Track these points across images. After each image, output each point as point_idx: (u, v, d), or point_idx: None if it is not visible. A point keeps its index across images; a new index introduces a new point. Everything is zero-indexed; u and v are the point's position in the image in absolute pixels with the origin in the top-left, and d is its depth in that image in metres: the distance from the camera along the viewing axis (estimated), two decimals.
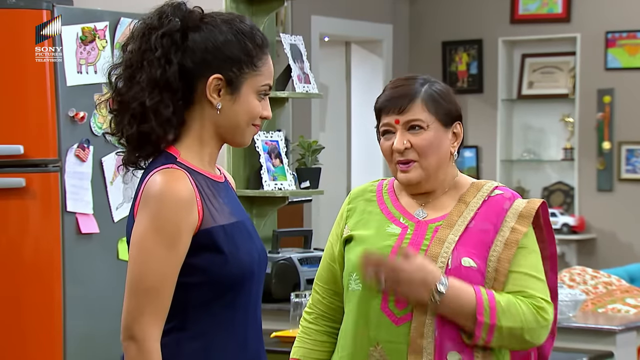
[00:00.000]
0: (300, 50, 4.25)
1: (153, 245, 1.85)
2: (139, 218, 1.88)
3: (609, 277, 5.31)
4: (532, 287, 2.17)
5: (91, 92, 3.83)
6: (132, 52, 1.92)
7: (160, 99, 1.89)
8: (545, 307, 2.17)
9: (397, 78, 2.32)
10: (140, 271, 1.86)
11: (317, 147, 4.24)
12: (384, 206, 2.28)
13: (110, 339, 3.89)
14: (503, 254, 2.18)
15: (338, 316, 2.30)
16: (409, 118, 2.22)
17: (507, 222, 2.20)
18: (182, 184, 1.87)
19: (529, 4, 7.20)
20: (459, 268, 2.16)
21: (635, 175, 6.91)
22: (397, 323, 2.17)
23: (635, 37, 6.88)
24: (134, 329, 1.87)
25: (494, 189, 2.26)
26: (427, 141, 2.22)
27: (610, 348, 4.20)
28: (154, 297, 1.86)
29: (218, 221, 1.90)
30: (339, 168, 7.26)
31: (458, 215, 2.22)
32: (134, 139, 1.92)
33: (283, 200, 4.09)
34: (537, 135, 7.29)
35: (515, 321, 2.14)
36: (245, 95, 1.94)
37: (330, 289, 2.30)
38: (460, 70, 7.41)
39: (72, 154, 3.77)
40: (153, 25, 1.93)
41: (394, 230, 2.22)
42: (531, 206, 2.23)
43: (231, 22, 1.95)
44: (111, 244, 3.89)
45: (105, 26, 3.85)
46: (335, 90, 7.36)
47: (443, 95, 2.26)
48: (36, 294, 3.73)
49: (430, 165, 2.23)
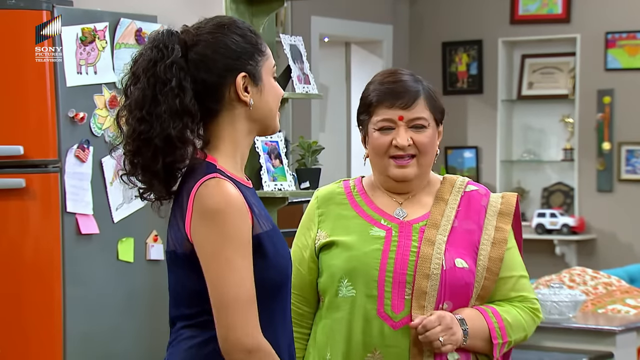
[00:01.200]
0: (300, 50, 4.25)
1: (234, 257, 1.85)
2: (205, 235, 1.85)
3: (609, 277, 5.30)
4: (525, 289, 2.26)
5: (91, 92, 3.83)
6: (142, 90, 1.90)
7: (182, 125, 1.89)
8: (538, 307, 2.28)
9: (387, 71, 2.30)
10: (231, 286, 1.85)
11: (317, 147, 4.24)
12: (360, 209, 2.26)
13: (110, 339, 3.90)
14: (492, 252, 2.22)
15: (306, 322, 2.29)
16: (414, 116, 2.22)
17: (489, 220, 2.24)
18: (235, 193, 1.88)
19: (529, 5, 7.20)
20: (454, 269, 2.19)
21: (635, 175, 6.91)
22: (395, 327, 2.17)
23: (635, 37, 6.88)
24: (246, 342, 1.85)
25: (467, 184, 2.29)
26: (429, 139, 2.23)
27: (610, 349, 4.20)
28: (250, 304, 1.86)
29: (263, 227, 1.91)
30: (339, 169, 7.26)
31: (440, 214, 2.23)
32: (161, 173, 1.90)
33: (283, 201, 4.09)
34: (537, 136, 7.29)
35: (520, 331, 2.24)
36: (267, 82, 1.97)
37: (299, 295, 2.28)
38: (460, 70, 7.41)
39: (72, 154, 3.77)
40: (155, 58, 1.91)
41: (378, 234, 2.22)
42: (510, 202, 2.27)
43: (221, 24, 1.95)
44: (111, 245, 3.89)
45: (105, 27, 3.85)
46: (335, 91, 7.36)
47: (435, 94, 2.28)
48: (36, 294, 3.73)
49: (426, 162, 2.24)
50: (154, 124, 1.88)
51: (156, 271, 4.02)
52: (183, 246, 1.89)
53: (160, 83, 1.89)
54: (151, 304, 4.00)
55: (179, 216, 1.90)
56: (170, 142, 1.88)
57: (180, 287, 1.91)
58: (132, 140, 1.91)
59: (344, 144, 7.37)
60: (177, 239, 1.90)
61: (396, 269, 2.18)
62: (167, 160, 1.89)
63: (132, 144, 1.91)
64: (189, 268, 1.88)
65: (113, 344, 3.89)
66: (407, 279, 2.17)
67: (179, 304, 1.91)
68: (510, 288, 2.25)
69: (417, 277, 2.17)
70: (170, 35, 1.93)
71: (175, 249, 1.91)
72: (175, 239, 1.91)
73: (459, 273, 2.18)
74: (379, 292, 2.17)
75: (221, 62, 1.92)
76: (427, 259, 2.17)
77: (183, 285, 1.89)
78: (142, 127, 1.89)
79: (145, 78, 1.90)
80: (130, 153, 1.92)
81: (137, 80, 1.91)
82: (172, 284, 1.94)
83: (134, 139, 1.90)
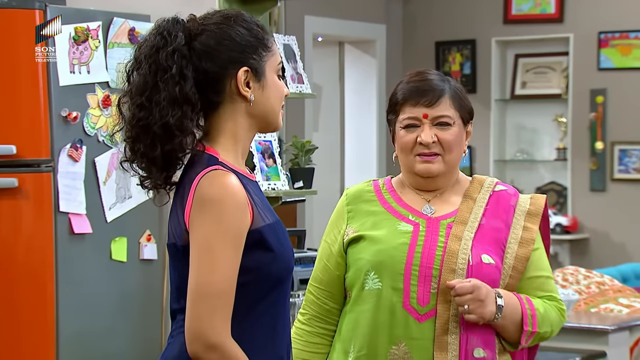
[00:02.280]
0: (293, 50, 4.25)
1: (222, 249, 1.83)
2: (199, 223, 1.85)
3: (601, 277, 5.31)
4: (553, 289, 2.30)
5: (84, 92, 3.82)
6: (143, 76, 1.89)
7: (182, 113, 1.87)
8: (564, 307, 2.30)
9: (415, 71, 2.31)
10: (210, 275, 1.83)
11: (311, 147, 4.24)
12: (388, 205, 2.29)
13: (103, 339, 3.89)
14: (519, 251, 2.24)
15: (332, 318, 2.30)
16: (439, 113, 2.24)
17: (517, 220, 2.27)
18: (237, 185, 1.86)
19: (522, 4, 7.20)
20: (480, 264, 2.20)
21: (627, 175, 6.92)
22: (421, 320, 2.18)
23: (627, 37, 6.89)
24: (208, 334, 1.82)
25: (496, 184, 2.32)
26: (453, 137, 2.25)
27: (603, 348, 4.21)
28: (224, 300, 1.83)
29: (265, 220, 1.90)
30: (333, 168, 7.26)
31: (468, 212, 2.25)
32: (159, 160, 1.89)
33: (276, 201, 4.09)
34: (530, 135, 7.30)
35: (548, 326, 2.26)
36: (270, 79, 1.95)
37: (326, 290, 2.30)
38: (454, 70, 7.42)
39: (65, 154, 3.76)
40: (158, 45, 1.90)
41: (406, 228, 2.24)
42: (539, 203, 2.31)
43: (228, 16, 1.94)
44: (104, 244, 3.89)
45: (98, 26, 3.85)
46: (329, 91, 7.36)
47: (462, 93, 2.30)
48: (29, 294, 3.73)
49: (451, 160, 2.26)
50: (153, 111, 1.87)
51: (149, 271, 4.01)
52: (182, 238, 1.88)
53: (161, 70, 1.88)
54: (144, 304, 4.00)
55: (179, 207, 1.90)
56: (169, 130, 1.87)
57: (180, 280, 1.90)
58: (132, 126, 1.90)
59: (338, 144, 7.37)
60: (176, 231, 1.90)
61: (422, 262, 2.19)
62: (165, 148, 1.88)
63: (132, 130, 1.90)
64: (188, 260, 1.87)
65: (106, 343, 3.89)
66: (433, 273, 2.19)
67: (180, 297, 1.90)
68: (537, 287, 2.27)
69: (443, 271, 2.18)
70: (175, 23, 1.92)
71: (175, 242, 1.90)
72: (175, 231, 1.91)
73: (486, 269, 2.20)
74: (405, 285, 2.18)
75: (224, 54, 1.90)
76: (453, 254, 2.19)
77: (183, 278, 1.88)
78: (142, 114, 1.88)
79: (147, 64, 1.89)
80: (130, 140, 1.91)
81: (139, 66, 1.90)
82: (173, 277, 1.93)
83: (133, 125, 1.89)
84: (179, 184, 1.93)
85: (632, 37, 6.87)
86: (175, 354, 1.88)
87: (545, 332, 2.25)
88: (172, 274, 1.94)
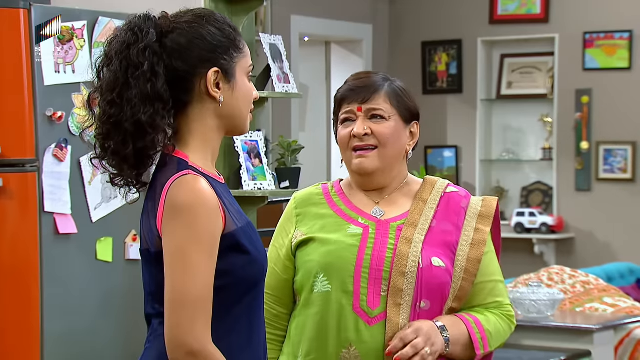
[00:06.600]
0: (279, 50, 4.24)
1: (196, 256, 1.81)
2: (171, 229, 1.83)
3: (587, 276, 5.33)
4: (501, 294, 2.29)
5: (69, 91, 3.81)
6: (114, 72, 1.88)
7: (153, 111, 1.85)
8: (513, 313, 2.31)
9: (358, 72, 2.34)
10: (186, 283, 1.81)
11: (297, 147, 4.24)
12: (337, 208, 2.28)
13: (88, 339, 3.88)
14: (471, 253, 2.23)
15: (280, 323, 2.29)
16: (372, 106, 2.24)
17: (468, 222, 2.26)
18: (207, 190, 1.84)
19: (507, 5, 7.22)
20: (430, 267, 2.19)
21: (612, 175, 6.95)
22: (371, 323, 2.17)
23: (612, 37, 6.92)
24: (189, 342, 1.80)
25: (447, 186, 2.31)
26: (388, 130, 2.24)
27: (588, 347, 4.22)
28: (202, 306, 1.81)
29: (237, 223, 1.88)
30: (319, 168, 7.26)
31: (419, 214, 2.24)
32: (131, 158, 1.87)
33: (263, 200, 4.08)
34: (516, 135, 7.32)
35: (500, 339, 2.28)
36: (240, 80, 1.92)
37: (273, 295, 2.28)
38: (440, 70, 7.43)
39: (50, 153, 3.75)
40: (129, 41, 1.87)
41: (355, 231, 2.23)
42: (490, 205, 2.29)
43: (200, 15, 1.92)
44: (89, 244, 3.87)
45: (83, 25, 3.84)
46: (315, 90, 7.36)
47: (404, 92, 2.29)
48: (14, 294, 3.71)
49: (387, 155, 2.24)
50: (124, 108, 1.85)
51: (135, 271, 4.00)
52: (155, 245, 1.87)
53: (132, 66, 1.86)
54: (130, 304, 3.99)
55: (151, 212, 1.88)
56: (141, 128, 1.85)
57: (155, 285, 1.89)
58: (103, 123, 1.88)
59: (324, 144, 7.37)
60: (150, 237, 1.89)
61: (372, 265, 2.18)
62: (137, 145, 1.86)
63: (103, 127, 1.88)
64: (162, 266, 1.86)
65: (91, 344, 3.88)
66: (383, 276, 2.18)
67: (155, 302, 1.89)
68: (487, 293, 2.27)
69: (393, 274, 2.17)
70: (147, 19, 1.90)
71: (148, 247, 1.89)
72: (148, 237, 1.89)
73: (436, 272, 2.19)
74: (354, 287, 2.17)
75: (195, 53, 1.88)
76: (403, 257, 2.18)
77: (158, 283, 1.87)
78: (113, 111, 1.86)
79: (118, 60, 1.87)
80: (101, 136, 1.90)
81: (110, 62, 1.89)
82: (147, 281, 1.92)
83: (104, 122, 1.88)
84: (150, 187, 1.91)
85: (617, 37, 6.90)
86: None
87: (499, 344, 2.28)
88: (146, 278, 1.93)
